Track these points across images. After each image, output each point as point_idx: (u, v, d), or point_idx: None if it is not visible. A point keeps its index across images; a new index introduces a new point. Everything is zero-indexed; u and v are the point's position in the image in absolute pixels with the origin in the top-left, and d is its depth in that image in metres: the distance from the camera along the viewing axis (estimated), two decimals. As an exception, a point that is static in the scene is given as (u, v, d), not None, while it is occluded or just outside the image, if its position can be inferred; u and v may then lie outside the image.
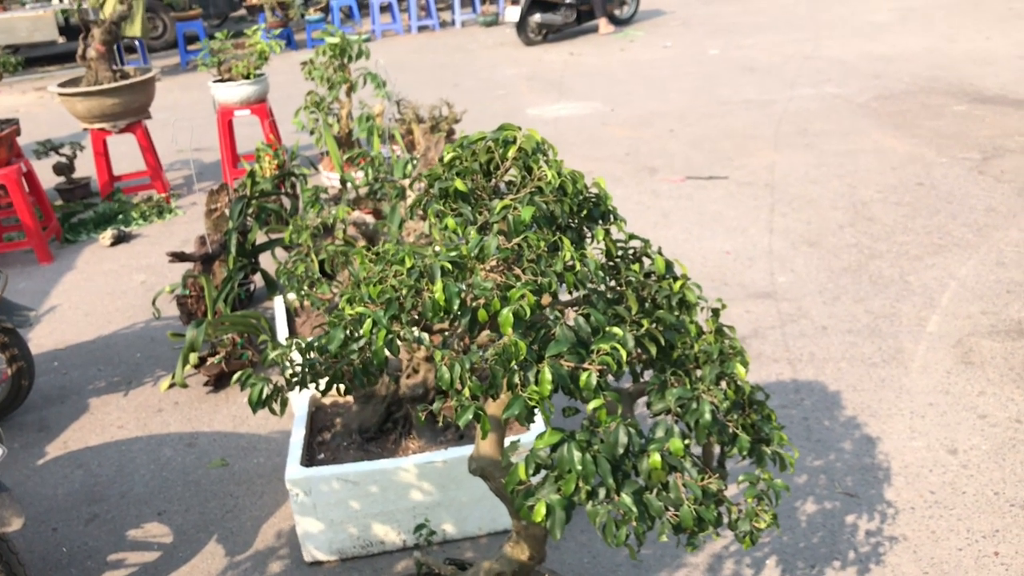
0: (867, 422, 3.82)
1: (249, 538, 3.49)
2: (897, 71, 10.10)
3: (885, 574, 2.98)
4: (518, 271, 2.00)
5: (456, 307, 1.93)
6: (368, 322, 1.98)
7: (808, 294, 5.05)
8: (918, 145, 7.54)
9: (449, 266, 1.98)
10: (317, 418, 3.69)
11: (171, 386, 4.67)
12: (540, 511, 1.92)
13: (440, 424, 2.42)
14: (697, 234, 6.07)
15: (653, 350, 2.05)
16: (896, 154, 7.37)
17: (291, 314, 4.64)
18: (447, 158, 2.14)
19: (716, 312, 2.31)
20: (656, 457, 1.93)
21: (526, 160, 2.08)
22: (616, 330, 1.97)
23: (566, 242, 2.00)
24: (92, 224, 7.43)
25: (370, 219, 4.59)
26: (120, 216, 7.53)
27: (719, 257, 5.64)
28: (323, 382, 2.37)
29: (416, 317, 1.98)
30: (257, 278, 5.73)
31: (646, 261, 2.35)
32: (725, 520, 2.08)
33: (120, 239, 7.10)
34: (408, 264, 2.01)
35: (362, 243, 4.45)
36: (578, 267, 1.99)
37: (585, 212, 2.20)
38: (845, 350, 4.43)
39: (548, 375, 1.87)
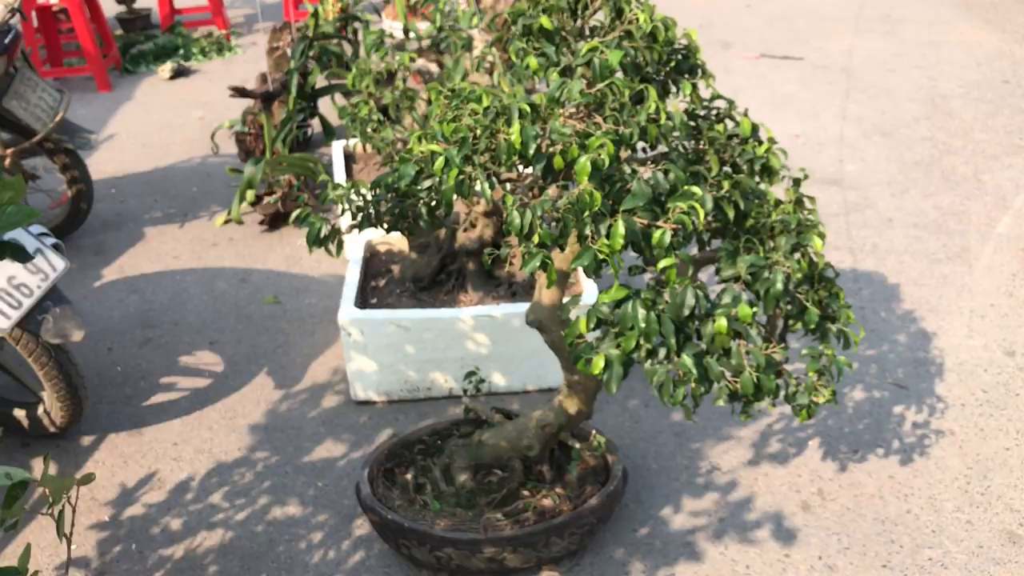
0: (925, 317, 3.75)
1: (299, 373, 3.55)
2: (994, -39, 9.53)
3: (928, 465, 2.97)
4: (599, 119, 1.92)
5: (532, 151, 1.88)
6: (440, 160, 1.93)
7: (876, 184, 4.90)
8: (1008, 41, 7.17)
9: (527, 108, 1.91)
10: (371, 264, 3.70)
11: (227, 222, 4.70)
12: (598, 364, 1.91)
13: (505, 273, 2.39)
14: (767, 115, 5.87)
15: (731, 214, 1.99)
16: (983, 48, 7.02)
17: (349, 159, 4.60)
18: (532, -7, 2.04)
19: (797, 182, 2.22)
20: (722, 322, 1.89)
21: (617, 2, 1.97)
22: (695, 189, 1.91)
23: (652, 92, 1.92)
24: (152, 56, 7.37)
25: (434, 68, 4.48)
26: (180, 50, 7.46)
27: (788, 140, 5.47)
28: (387, 223, 2.35)
29: (488, 161, 1.92)
30: (315, 123, 5.67)
31: (729, 124, 2.25)
32: (783, 392, 2.06)
33: (179, 73, 7.05)
34: (485, 103, 1.94)
35: (425, 94, 4.36)
36: (663, 120, 1.91)
37: (673, 64, 2.10)
38: (909, 244, 4.32)
39: (621, 229, 1.81)
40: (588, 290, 3.28)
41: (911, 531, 2.71)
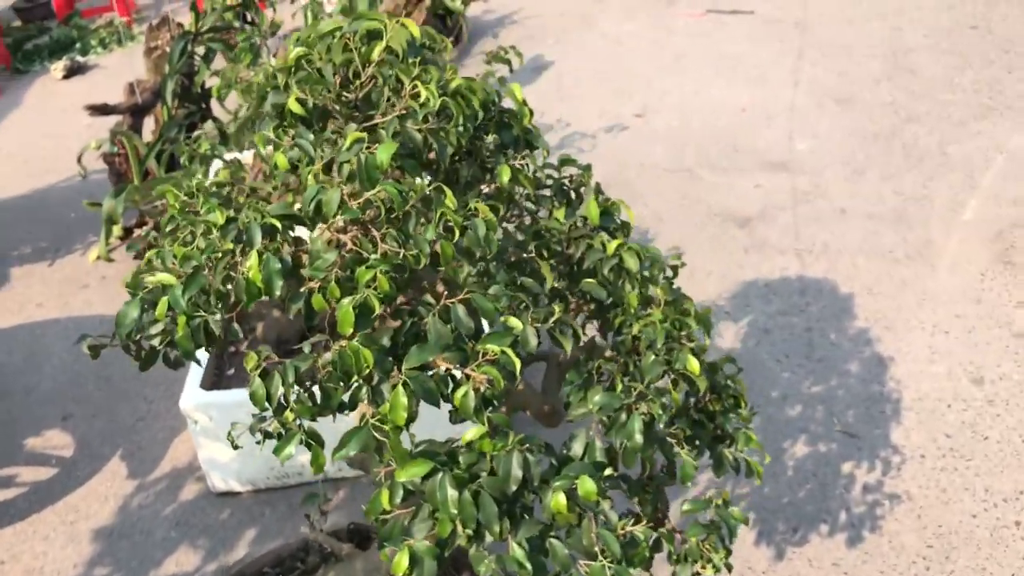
0: (880, 337, 3.26)
1: (158, 454, 3.06)
2: None
3: (881, 545, 2.50)
4: (377, 234, 1.40)
5: (279, 292, 1.36)
6: (163, 302, 1.41)
7: (829, 166, 4.37)
8: (977, -23, 6.57)
9: (277, 225, 1.39)
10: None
11: (99, 258, 4.16)
12: (401, 564, 1.41)
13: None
14: (711, 82, 5.31)
15: (568, 345, 1.48)
16: (951, -12, 6.42)
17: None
18: (292, 56, 1.50)
19: (673, 273, 1.71)
20: (560, 499, 1.40)
21: (393, 75, 1.43)
22: (514, 322, 1.40)
23: (448, 196, 1.39)
24: (47, 51, 6.74)
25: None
26: (77, 44, 6.82)
27: (733, 114, 4.92)
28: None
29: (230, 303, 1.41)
30: (209, 127, 5.09)
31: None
32: (664, 550, 1.59)
33: (73, 71, 6.43)
34: (220, 219, 1.41)
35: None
36: (459, 235, 1.38)
37: (491, 135, 1.57)
38: (864, 240, 3.80)
39: (403, 399, 1.31)
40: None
41: (858, 644, 2.25)
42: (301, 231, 1.47)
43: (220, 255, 1.39)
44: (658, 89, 5.32)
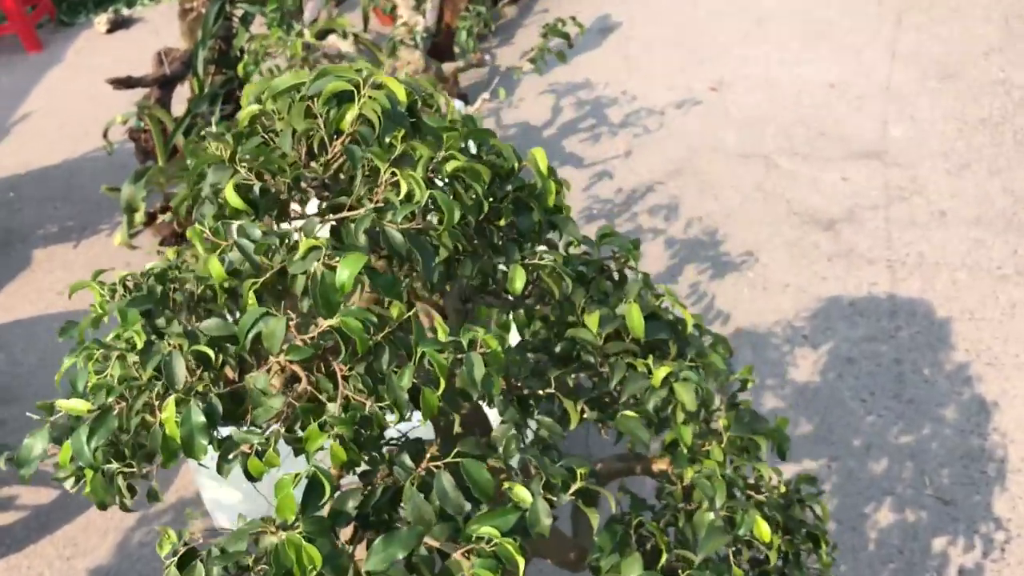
0: (982, 375, 2.82)
1: (168, 478, 2.81)
2: None
3: (978, 650, 2.12)
4: (341, 368, 1.05)
5: (205, 452, 1.03)
6: (66, 448, 1.09)
7: (928, 157, 3.86)
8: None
9: (210, 354, 1.05)
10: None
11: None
12: None
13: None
14: (796, 54, 4.78)
15: (594, 521, 1.12)
16: (1073, -59, 5.71)
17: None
18: (243, 116, 1.14)
19: (741, 387, 1.33)
20: None
21: (369, 147, 1.06)
22: (521, 493, 1.05)
23: (439, 324, 1.03)
24: (92, 3, 6.46)
25: (350, 49, 3.55)
26: (123, -6, 6.53)
27: (820, 92, 4.41)
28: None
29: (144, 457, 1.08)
30: (249, 93, 4.77)
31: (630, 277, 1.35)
32: None
33: (119, 24, 6.15)
34: (139, 342, 1.07)
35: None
36: (438, 375, 1.02)
37: (504, 220, 1.19)
38: (967, 251, 3.33)
39: (360, 615, 0.97)
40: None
41: None
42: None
43: (139, 388, 1.06)
44: (736, 58, 4.82)
